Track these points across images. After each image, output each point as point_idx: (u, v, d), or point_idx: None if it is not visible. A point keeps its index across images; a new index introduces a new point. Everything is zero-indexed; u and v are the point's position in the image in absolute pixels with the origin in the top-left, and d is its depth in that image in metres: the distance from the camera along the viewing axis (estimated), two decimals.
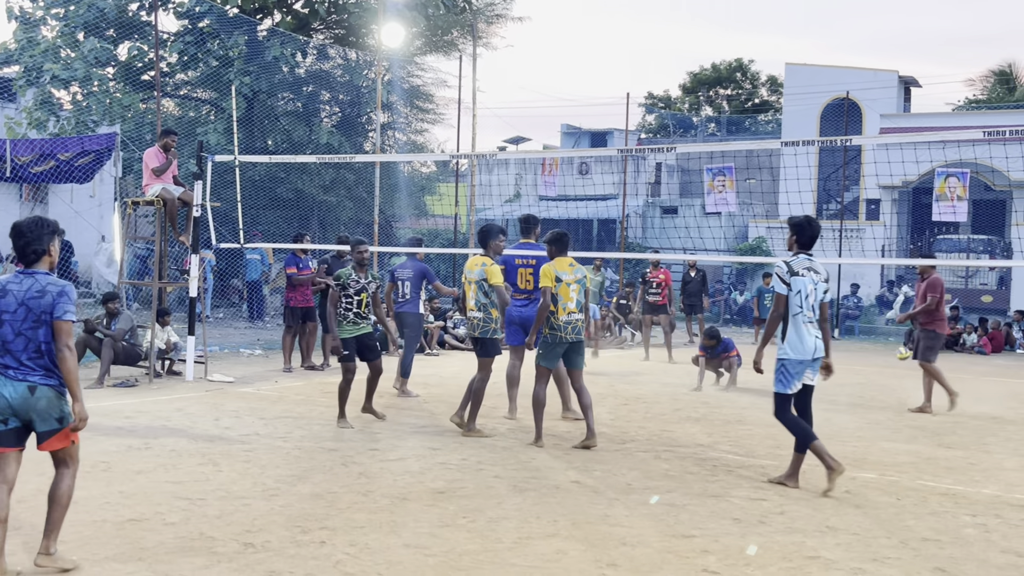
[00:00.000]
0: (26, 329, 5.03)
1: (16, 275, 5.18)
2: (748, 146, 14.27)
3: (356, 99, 26.07)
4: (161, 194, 12.72)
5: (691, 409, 11.48)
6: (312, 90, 25.65)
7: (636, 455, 8.57)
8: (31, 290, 5.09)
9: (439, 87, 28.23)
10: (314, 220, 25.08)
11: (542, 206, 34.69)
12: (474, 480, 7.37)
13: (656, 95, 57.31)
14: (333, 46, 25.95)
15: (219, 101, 23.66)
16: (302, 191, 24.26)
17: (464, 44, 26.64)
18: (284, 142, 24.50)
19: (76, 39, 22.09)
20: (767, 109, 52.11)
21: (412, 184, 29.40)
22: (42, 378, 5.04)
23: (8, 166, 15.51)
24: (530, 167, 38.37)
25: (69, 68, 21.56)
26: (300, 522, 6.05)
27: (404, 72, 27.16)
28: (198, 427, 9.17)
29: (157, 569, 5.10)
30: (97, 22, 21.71)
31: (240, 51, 22.02)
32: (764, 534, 6.15)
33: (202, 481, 7.02)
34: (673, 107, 54.89)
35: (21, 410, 4.99)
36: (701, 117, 51.95)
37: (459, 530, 6.02)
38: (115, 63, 22.66)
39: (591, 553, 5.64)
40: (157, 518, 6.02)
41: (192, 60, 22.69)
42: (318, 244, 20.74)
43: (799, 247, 7.67)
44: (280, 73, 23.42)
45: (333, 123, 26.24)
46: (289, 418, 9.84)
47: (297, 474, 7.38)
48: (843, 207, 28.75)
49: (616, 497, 6.98)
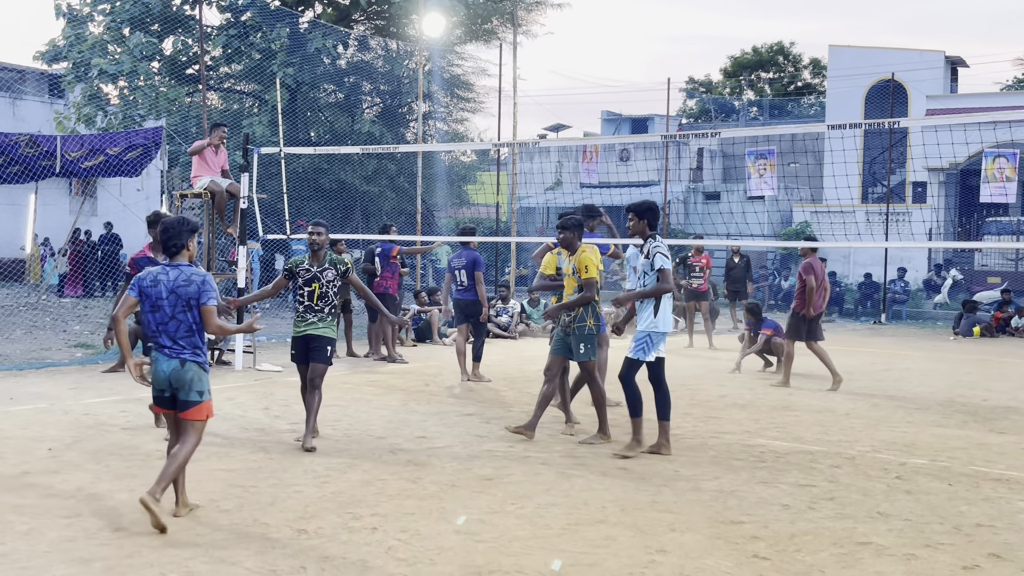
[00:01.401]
0: (178, 313, 5.85)
1: (163, 267, 5.96)
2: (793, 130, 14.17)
3: (397, 89, 26.16)
4: (209, 186, 12.88)
5: (736, 395, 11.44)
6: (353, 81, 25.78)
7: (682, 441, 8.57)
8: (178, 280, 5.88)
9: (479, 76, 28.26)
10: (357, 210, 25.25)
11: (583, 193, 34.63)
12: (521, 467, 7.42)
13: (697, 80, 56.91)
14: (374, 37, 26.06)
15: (262, 94, 23.88)
16: (345, 182, 24.43)
17: (504, 32, 26.63)
18: (327, 133, 24.68)
19: (122, 34, 22.40)
20: (810, 92, 51.53)
21: (452, 173, 29.47)
22: (191, 355, 5.87)
23: (58, 162, 15.80)
24: (571, 154, 38.31)
25: (116, 63, 21.86)
26: (351, 508, 6.13)
27: (444, 61, 27.20)
28: (248, 416, 9.31)
29: (213, 555, 5.19)
30: (142, 17, 21.98)
31: (282, 43, 22.20)
32: (814, 520, 6.13)
33: (254, 469, 7.13)
34: (714, 91, 54.46)
35: (174, 382, 5.84)
36: (743, 101, 51.51)
37: (508, 516, 6.06)
38: (160, 57, 22.94)
39: (640, 539, 5.66)
40: (212, 505, 6.13)
41: (235, 53, 22.90)
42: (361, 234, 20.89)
43: (651, 230, 8.04)
44: (322, 65, 23.57)
45: (375, 114, 26.36)
46: (336, 406, 9.94)
47: (346, 461, 7.47)
48: (889, 190, 28.39)
49: (664, 484, 6.98)
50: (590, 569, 5.13)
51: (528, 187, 35.50)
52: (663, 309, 7.88)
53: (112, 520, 5.74)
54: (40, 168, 16.19)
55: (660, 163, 32.47)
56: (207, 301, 5.86)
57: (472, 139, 29.18)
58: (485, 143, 27.24)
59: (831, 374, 12.15)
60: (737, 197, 31.97)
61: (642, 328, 7.94)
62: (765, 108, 48.42)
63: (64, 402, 9.74)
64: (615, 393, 8.85)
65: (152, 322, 5.86)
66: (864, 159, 33.65)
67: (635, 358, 7.91)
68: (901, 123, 10.70)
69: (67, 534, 5.46)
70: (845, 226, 27.94)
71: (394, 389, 11.39)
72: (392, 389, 11.39)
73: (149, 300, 5.87)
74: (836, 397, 11.53)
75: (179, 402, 5.88)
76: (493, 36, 27.21)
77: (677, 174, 36.22)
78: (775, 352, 13.64)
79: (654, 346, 7.92)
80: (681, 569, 5.16)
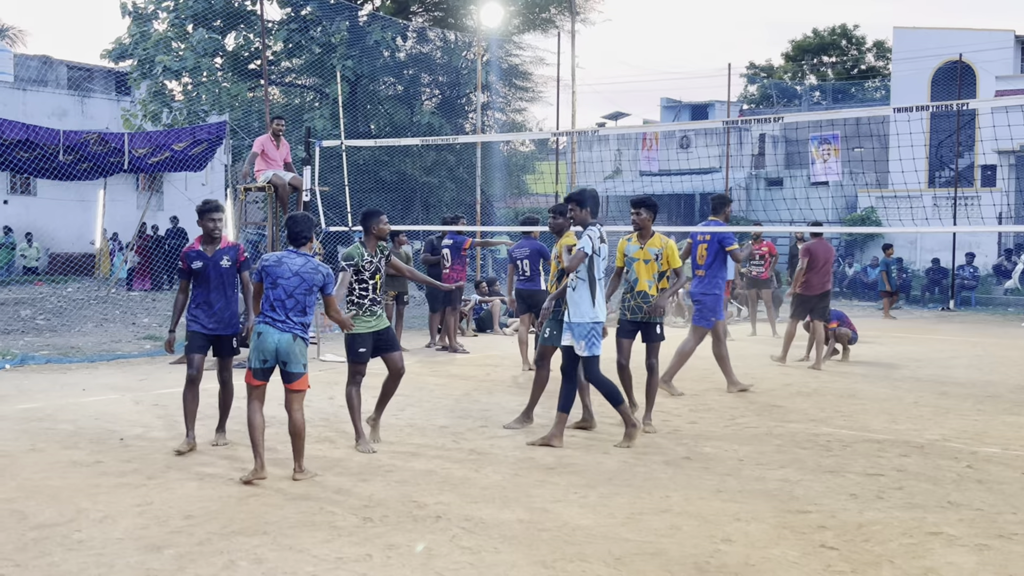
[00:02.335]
0: (298, 294, 6.59)
1: (289, 251, 6.71)
2: (858, 113, 13.89)
3: (455, 80, 26.23)
4: (272, 180, 13.04)
5: (801, 384, 11.30)
6: (412, 73, 25.91)
7: (746, 431, 8.49)
8: (305, 266, 6.64)
9: (537, 65, 28.26)
10: (417, 202, 25.39)
11: (643, 181, 34.42)
12: (583, 457, 7.41)
13: (757, 65, 56.14)
14: (432, 28, 26.15)
15: (323, 87, 24.11)
16: (405, 173, 24.58)
17: (562, 21, 26.56)
18: (386, 125, 24.84)
19: (186, 31, 22.78)
20: (874, 75, 50.55)
21: (511, 163, 29.48)
22: (301, 332, 6.63)
23: (126, 158, 16.12)
24: (630, 142, 38.08)
25: (180, 59, 22.24)
26: (416, 497, 6.18)
27: (502, 51, 27.21)
28: (313, 406, 9.41)
29: (281, 543, 5.27)
30: (205, 13, 22.33)
31: (342, 37, 22.38)
32: (883, 509, 6.04)
33: (319, 457, 7.21)
34: (775, 76, 53.67)
35: (283, 354, 6.55)
36: (805, 86, 50.70)
37: (571, 505, 6.07)
38: (223, 53, 23.29)
39: (705, 528, 5.62)
40: (279, 493, 6.22)
41: (296, 48, 23.15)
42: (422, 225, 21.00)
43: (592, 217, 7.84)
44: (381, 57, 23.73)
45: (433, 105, 26.47)
46: (399, 396, 9.98)
47: (410, 450, 7.53)
48: (957, 174, 27.77)
49: (728, 473, 6.93)
50: (654, 558, 5.11)
51: (587, 176, 35.31)
52: (599, 298, 7.63)
53: (182, 508, 5.85)
54: (109, 165, 16.55)
55: (721, 149, 32.12)
56: (331, 292, 6.80)
57: (530, 129, 29.15)
58: (544, 132, 27.19)
59: (811, 355, 12.93)
60: (800, 183, 31.50)
61: (583, 321, 7.58)
62: (828, 92, 47.59)
63: (134, 393, 9.96)
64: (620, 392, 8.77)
65: (270, 296, 6.58)
66: (931, 142, 32.92)
67: (591, 355, 7.62)
68: (970, 105, 10.41)
69: (139, 522, 5.59)
70: (912, 211, 27.38)
71: (456, 379, 11.45)
72: (454, 379, 11.45)
73: (270, 277, 6.62)
74: (903, 385, 11.34)
75: (287, 373, 6.59)
76: (551, 24, 27.17)
77: (739, 160, 35.80)
78: (839, 340, 13.45)
79: (600, 336, 7.65)
80: (747, 559, 5.12)
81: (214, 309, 7.44)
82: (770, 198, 32.63)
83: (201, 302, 7.45)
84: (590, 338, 7.61)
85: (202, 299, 7.44)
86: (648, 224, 8.55)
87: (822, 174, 23.66)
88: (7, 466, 6.81)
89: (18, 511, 5.75)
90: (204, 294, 7.44)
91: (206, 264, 7.44)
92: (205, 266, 7.43)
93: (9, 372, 11.27)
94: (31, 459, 7.04)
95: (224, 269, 7.47)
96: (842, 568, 5.00)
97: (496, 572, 4.89)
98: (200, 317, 7.43)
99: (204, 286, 7.43)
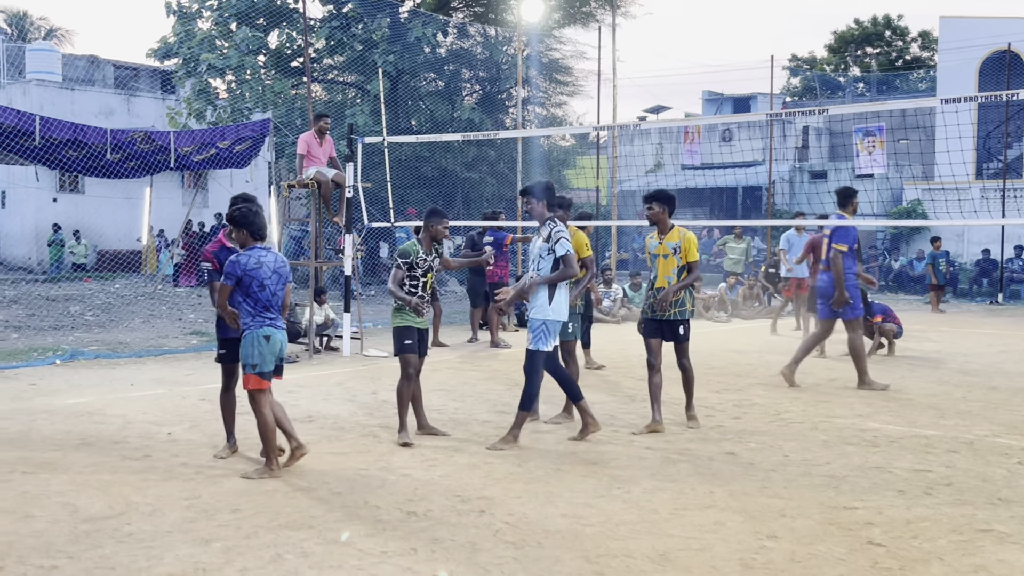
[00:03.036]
0: (278, 290, 6.63)
1: (260, 250, 6.60)
2: (903, 105, 13.68)
3: (496, 75, 26.24)
4: (315, 176, 13.14)
5: (847, 379, 11.17)
6: (453, 68, 25.95)
7: (792, 426, 8.42)
8: (277, 260, 6.66)
9: (578, 59, 28.18)
10: (458, 197, 25.45)
11: (684, 175, 34.22)
12: (627, 452, 7.39)
13: (800, 57, 55.53)
14: (473, 24, 26.18)
15: (364, 84, 24.23)
16: (446, 169, 24.65)
17: (602, 14, 26.48)
18: (427, 121, 24.92)
19: (229, 29, 23.00)
20: (919, 66, 49.79)
21: (551, 158, 29.44)
22: (282, 325, 6.74)
23: (172, 156, 16.31)
24: (671, 136, 37.86)
25: (224, 58, 22.47)
26: (459, 492, 6.20)
27: (543, 46, 27.17)
28: (358, 400, 9.49)
29: (327, 536, 5.32)
30: (248, 11, 22.53)
31: (383, 33, 22.47)
32: (931, 506, 5.96)
33: (364, 452, 7.27)
34: (817, 68, 53.06)
35: (282, 351, 6.70)
36: (848, 78, 50.07)
37: (614, 501, 6.05)
38: (266, 51, 23.49)
39: (750, 524, 5.59)
40: (324, 487, 6.27)
41: (338, 45, 23.29)
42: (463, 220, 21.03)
43: (550, 211, 7.73)
44: (422, 53, 23.81)
45: (474, 100, 26.51)
46: (442, 391, 10.06)
47: (453, 445, 7.56)
48: (1006, 165, 27.29)
49: (773, 469, 6.88)
50: (699, 554, 5.09)
51: (628, 170, 35.19)
52: (558, 296, 7.56)
53: (230, 502, 5.92)
54: (155, 162, 16.76)
55: (764, 142, 31.82)
56: (291, 279, 6.84)
57: (571, 123, 29.08)
58: (585, 127, 27.12)
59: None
60: (845, 175, 31.12)
61: (537, 316, 7.55)
62: (872, 84, 46.97)
63: (182, 388, 10.08)
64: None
65: (260, 299, 6.53)
66: (979, 134, 32.37)
67: (535, 349, 7.56)
68: (1021, 95, 10.20)
69: (188, 515, 5.66)
70: (960, 203, 26.95)
71: (498, 374, 11.47)
72: (496, 374, 11.47)
73: (256, 280, 6.51)
74: (951, 380, 11.18)
75: (279, 368, 6.71)
76: (591, 19, 27.09)
77: (782, 153, 35.44)
78: (884, 335, 13.29)
79: (551, 334, 7.57)
80: (793, 555, 5.08)
81: None
82: (814, 191, 32.26)
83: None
84: (538, 333, 7.57)
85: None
86: (663, 218, 8.31)
87: (867, 167, 23.33)
88: (59, 460, 6.94)
89: (70, 504, 5.85)
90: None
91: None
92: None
93: (59, 367, 11.47)
94: (82, 453, 7.16)
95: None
96: (890, 565, 4.95)
97: (540, 567, 4.89)
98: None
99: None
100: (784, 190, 34.80)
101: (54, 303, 18.67)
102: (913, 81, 46.59)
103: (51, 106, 26.53)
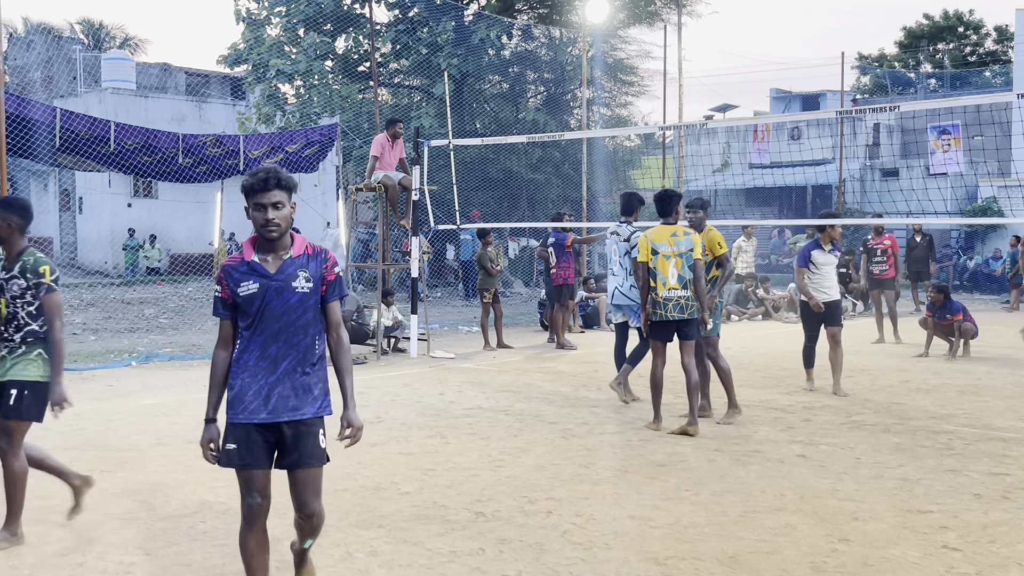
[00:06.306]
0: None
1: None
2: (978, 100, 13.27)
3: (560, 76, 26.23)
4: (382, 180, 13.27)
5: (920, 380, 10.95)
6: (517, 70, 26.00)
7: (864, 428, 8.28)
8: None
9: (643, 59, 28.03)
10: (523, 198, 25.49)
11: (752, 174, 33.82)
12: (695, 454, 7.33)
13: (867, 56, 54.51)
14: (537, 25, 26.20)
15: (429, 87, 24.40)
16: (511, 170, 24.70)
17: (668, 13, 26.30)
18: (492, 123, 25.00)
19: (297, 35, 23.35)
20: (994, 61, 48.56)
21: (616, 159, 29.32)
22: None
23: (242, 160, 16.58)
24: (738, 135, 37.44)
25: (292, 63, 22.81)
26: (526, 492, 6.21)
27: (607, 46, 27.08)
28: (425, 401, 9.56)
29: (396, 536, 5.37)
30: (316, 17, 22.84)
31: (448, 36, 22.61)
32: (1009, 510, 5.81)
33: (432, 452, 7.32)
34: (887, 64, 52.03)
35: None
36: (919, 74, 49.03)
37: (682, 503, 6.01)
38: (333, 56, 23.79)
39: (821, 527, 5.51)
40: (393, 488, 6.33)
41: (404, 49, 23.49)
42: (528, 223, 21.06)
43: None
44: (486, 55, 23.90)
45: (539, 102, 26.53)
46: (508, 392, 10.09)
47: (520, 446, 7.57)
48: None
49: (844, 471, 6.77)
50: (769, 557, 5.03)
51: (695, 170, 34.88)
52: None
53: None
54: (225, 167, 17.04)
55: (834, 140, 31.33)
56: None
57: (636, 123, 28.94)
58: (650, 127, 26.97)
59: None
60: (918, 173, 30.48)
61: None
62: (945, 80, 45.94)
63: None
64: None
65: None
66: None
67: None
68: None
69: None
70: None
71: (564, 375, 11.46)
72: (562, 375, 11.46)
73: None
74: None
75: None
76: (657, 18, 26.93)
77: (852, 151, 34.84)
78: (963, 335, 12.98)
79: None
80: (865, 559, 4.99)
81: None
82: (886, 189, 31.66)
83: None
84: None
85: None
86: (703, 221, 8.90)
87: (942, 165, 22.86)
88: (135, 459, 7.10)
89: (147, 503, 5.99)
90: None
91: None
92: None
93: (135, 369, 11.74)
94: (157, 453, 7.33)
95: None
96: (966, 570, 4.84)
97: (608, 568, 4.88)
98: None
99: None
100: (855, 188, 34.21)
101: (129, 306, 19.12)
102: (988, 77, 45.47)
103: (126, 113, 27.14)
